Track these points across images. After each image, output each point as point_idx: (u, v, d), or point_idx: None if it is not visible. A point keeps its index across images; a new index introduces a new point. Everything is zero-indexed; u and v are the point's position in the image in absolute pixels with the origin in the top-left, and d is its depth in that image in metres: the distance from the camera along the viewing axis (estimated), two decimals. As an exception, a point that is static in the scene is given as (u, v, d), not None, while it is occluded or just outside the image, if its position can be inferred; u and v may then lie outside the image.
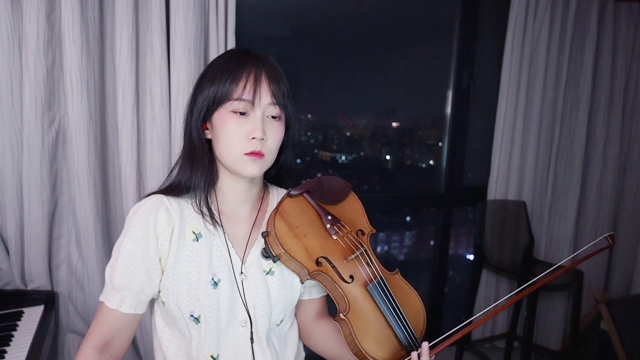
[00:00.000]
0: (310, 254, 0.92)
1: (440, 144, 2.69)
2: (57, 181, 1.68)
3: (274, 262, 0.94)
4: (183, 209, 0.96)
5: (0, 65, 1.54)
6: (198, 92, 0.95)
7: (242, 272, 0.96)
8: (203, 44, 1.77)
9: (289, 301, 1.02)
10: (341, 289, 0.90)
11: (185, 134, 0.98)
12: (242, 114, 0.91)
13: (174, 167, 1.01)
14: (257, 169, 0.92)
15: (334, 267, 0.92)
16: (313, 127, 2.53)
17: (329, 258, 0.92)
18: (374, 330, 0.90)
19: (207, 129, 0.96)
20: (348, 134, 2.61)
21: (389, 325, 0.91)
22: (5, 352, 1.28)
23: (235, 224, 1.00)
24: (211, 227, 0.96)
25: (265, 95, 0.92)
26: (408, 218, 2.85)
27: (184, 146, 0.99)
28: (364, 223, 1.01)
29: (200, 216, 0.96)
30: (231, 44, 1.81)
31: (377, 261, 0.96)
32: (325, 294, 1.04)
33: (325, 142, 2.57)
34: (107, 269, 0.95)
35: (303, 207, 0.96)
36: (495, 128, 2.49)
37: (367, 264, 0.94)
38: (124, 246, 0.93)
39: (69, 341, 1.73)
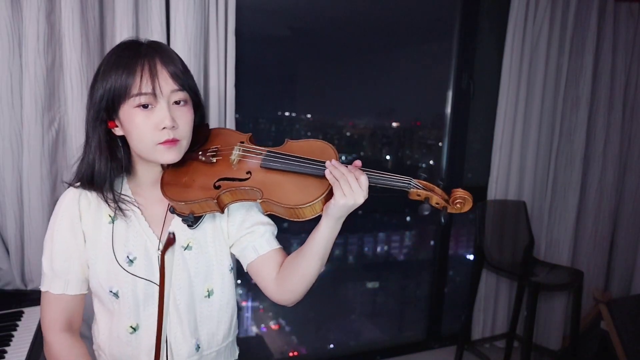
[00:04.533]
0: (206, 186, 0.98)
1: (440, 144, 2.69)
2: (57, 181, 1.67)
3: (196, 223, 1.01)
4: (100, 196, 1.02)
5: (0, 65, 1.54)
6: (94, 91, 0.96)
7: (159, 249, 1.02)
8: (203, 44, 1.77)
9: (212, 273, 1.06)
10: (246, 186, 0.96)
11: (86, 133, 1.00)
12: (145, 107, 0.92)
13: (79, 164, 1.03)
14: (174, 154, 0.96)
15: (230, 179, 0.98)
16: (313, 127, 2.53)
17: (221, 177, 0.99)
18: (291, 186, 0.95)
19: (117, 126, 0.97)
20: (348, 134, 2.61)
21: (299, 173, 0.96)
22: (5, 352, 1.28)
23: (153, 204, 1.05)
24: (128, 210, 1.01)
25: (165, 84, 0.92)
26: (408, 218, 2.85)
27: (85, 143, 1.00)
28: (238, 136, 1.07)
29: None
30: (231, 44, 1.81)
31: (261, 146, 1.02)
32: (277, 247, 1.08)
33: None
34: (44, 261, 1.03)
35: (181, 165, 1.02)
36: (495, 128, 2.49)
37: (253, 153, 1.01)
38: (56, 234, 1.01)
39: (69, 341, 1.73)
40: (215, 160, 1.02)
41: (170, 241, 0.84)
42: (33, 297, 1.60)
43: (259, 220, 1.08)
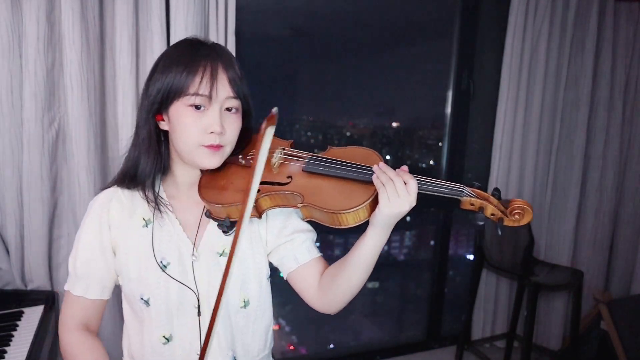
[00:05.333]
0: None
1: (440, 144, 2.69)
2: (57, 181, 1.68)
3: (232, 228, 0.95)
4: (135, 197, 1.00)
5: (0, 65, 1.54)
6: (151, 83, 0.95)
7: (193, 254, 0.99)
8: (203, 44, 1.77)
9: (250, 282, 1.01)
10: (286, 190, 0.93)
11: (137, 124, 0.99)
12: (198, 108, 0.91)
13: (125, 158, 1.02)
14: (217, 160, 0.94)
15: (270, 183, 0.95)
16: (313, 127, 2.53)
17: (261, 180, 0.95)
18: (334, 192, 0.91)
19: (163, 120, 0.96)
20: (348, 134, 2.61)
21: (343, 178, 0.92)
22: (5, 352, 1.28)
23: (188, 208, 1.01)
24: (164, 212, 0.99)
25: (222, 89, 0.91)
26: (408, 218, 2.85)
27: (134, 135, 0.99)
28: (280, 142, 1.04)
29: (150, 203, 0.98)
30: (231, 44, 1.81)
31: (303, 151, 0.99)
32: (318, 255, 1.05)
33: (325, 142, 2.57)
34: (70, 259, 1.01)
35: (220, 168, 0.99)
36: (495, 128, 2.49)
37: (295, 157, 0.98)
38: (82, 237, 0.99)
39: (69, 341, 1.73)
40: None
41: (273, 116, 0.71)
42: (33, 297, 1.60)
43: (298, 227, 1.05)
